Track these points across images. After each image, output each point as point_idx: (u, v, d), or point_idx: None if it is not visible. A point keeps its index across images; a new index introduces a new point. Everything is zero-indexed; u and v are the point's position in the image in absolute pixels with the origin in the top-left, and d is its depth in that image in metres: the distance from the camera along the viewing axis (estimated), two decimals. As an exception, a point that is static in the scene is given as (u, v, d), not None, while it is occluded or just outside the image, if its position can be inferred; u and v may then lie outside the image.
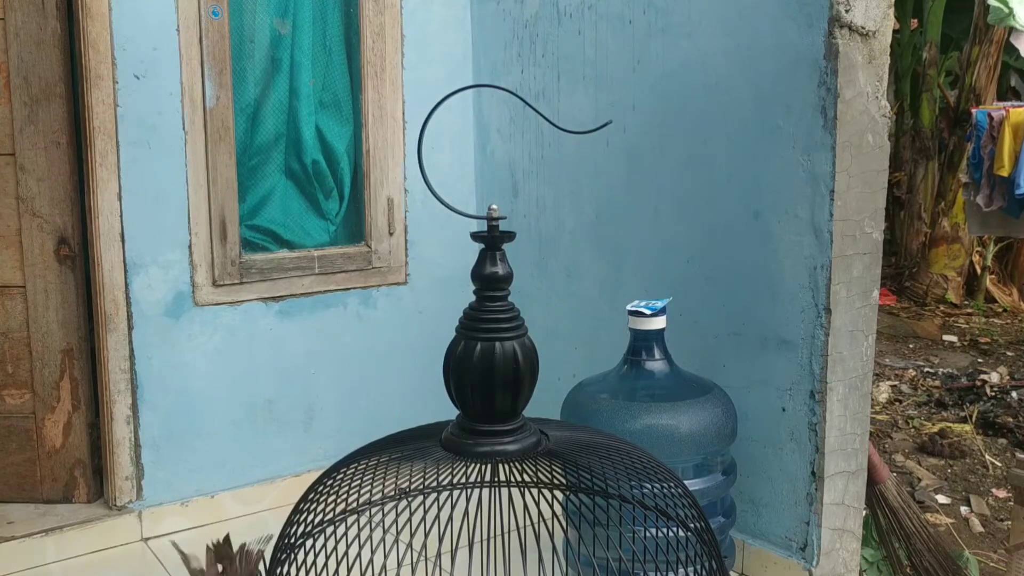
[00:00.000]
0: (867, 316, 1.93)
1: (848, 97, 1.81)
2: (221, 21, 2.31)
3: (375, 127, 2.61)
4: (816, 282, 1.87)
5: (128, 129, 2.21)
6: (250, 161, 2.47)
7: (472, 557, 0.95)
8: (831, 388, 1.88)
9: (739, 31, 1.99)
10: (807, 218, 1.87)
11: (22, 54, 2.18)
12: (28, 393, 2.29)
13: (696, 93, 2.11)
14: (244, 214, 2.44)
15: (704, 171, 2.10)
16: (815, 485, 1.92)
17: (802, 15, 1.85)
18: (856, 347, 1.92)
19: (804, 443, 1.93)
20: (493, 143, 2.76)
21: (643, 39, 2.22)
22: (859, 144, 1.85)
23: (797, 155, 1.88)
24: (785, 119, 1.90)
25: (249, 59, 2.44)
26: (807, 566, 1.96)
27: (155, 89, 2.24)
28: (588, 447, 1.11)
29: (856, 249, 1.88)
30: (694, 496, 1.09)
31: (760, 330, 1.99)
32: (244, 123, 2.44)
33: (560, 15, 2.46)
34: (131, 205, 2.23)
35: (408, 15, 2.63)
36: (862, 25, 1.81)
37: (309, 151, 2.53)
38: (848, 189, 1.84)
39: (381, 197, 2.63)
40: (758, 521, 2.05)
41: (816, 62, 1.82)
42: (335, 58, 2.58)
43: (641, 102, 2.25)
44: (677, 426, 1.81)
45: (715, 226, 2.09)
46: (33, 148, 2.21)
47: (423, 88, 2.66)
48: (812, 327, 1.88)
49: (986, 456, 3.52)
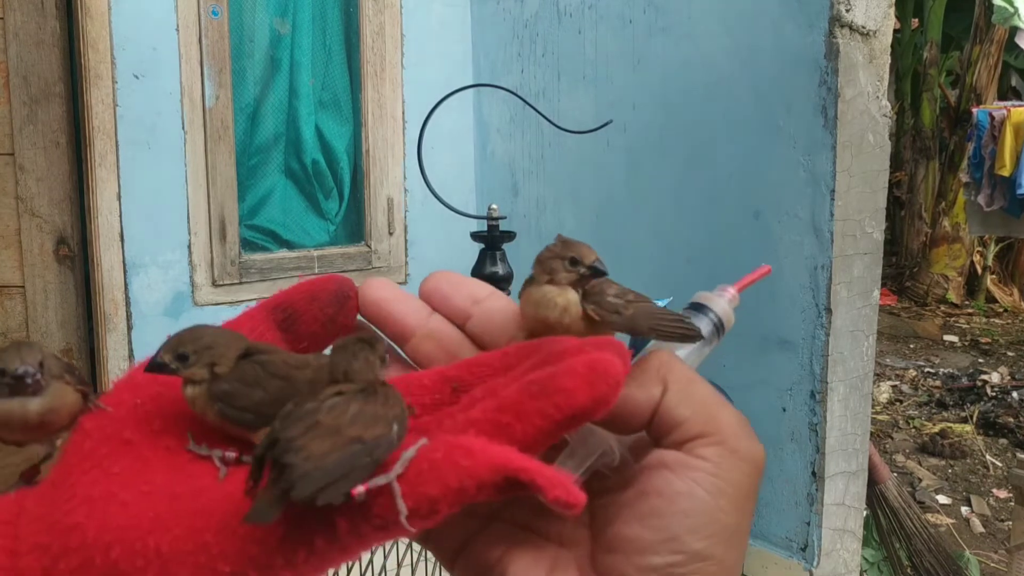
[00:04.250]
0: (868, 316, 1.93)
1: (849, 97, 1.81)
2: (221, 20, 2.31)
3: (375, 127, 2.60)
4: (816, 282, 1.86)
5: (127, 129, 2.21)
6: (250, 161, 2.46)
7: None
8: (832, 388, 1.87)
9: (739, 31, 1.98)
10: (807, 218, 1.87)
11: (21, 54, 2.18)
12: (27, 393, 2.29)
13: (696, 93, 2.10)
14: (244, 214, 2.44)
15: (704, 171, 2.10)
16: (816, 485, 1.91)
17: (803, 15, 1.84)
18: (857, 347, 1.91)
19: (804, 443, 1.92)
20: (493, 143, 2.75)
21: (643, 39, 2.22)
22: (860, 144, 1.84)
23: (797, 155, 1.88)
24: (785, 119, 1.90)
25: (249, 58, 2.43)
26: (808, 566, 1.95)
27: (154, 89, 2.24)
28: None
29: (857, 249, 1.87)
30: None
31: (760, 330, 1.99)
32: (244, 123, 2.44)
33: (560, 14, 2.46)
34: (130, 205, 2.23)
35: (408, 14, 2.63)
36: (863, 25, 1.81)
37: (309, 151, 2.53)
38: (848, 189, 1.83)
39: (381, 197, 2.63)
40: (758, 522, 2.05)
41: (816, 62, 1.82)
42: (335, 57, 2.58)
43: (641, 102, 2.25)
44: (677, 426, 1.81)
45: (715, 226, 2.08)
46: (32, 148, 2.21)
47: (423, 88, 2.65)
48: (812, 327, 1.88)
49: (987, 456, 3.51)
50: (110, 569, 0.33)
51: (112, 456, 0.37)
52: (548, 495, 0.30)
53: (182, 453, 0.37)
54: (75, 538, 0.34)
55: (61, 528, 0.34)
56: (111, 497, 0.35)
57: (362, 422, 0.32)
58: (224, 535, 0.32)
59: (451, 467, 0.30)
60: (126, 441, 0.38)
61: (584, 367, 0.32)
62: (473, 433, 0.33)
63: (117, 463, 0.37)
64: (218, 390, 0.37)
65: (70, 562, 0.33)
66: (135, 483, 0.36)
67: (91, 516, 0.34)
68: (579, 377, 0.32)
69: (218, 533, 0.32)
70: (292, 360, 0.38)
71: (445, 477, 0.30)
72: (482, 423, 0.33)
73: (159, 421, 0.39)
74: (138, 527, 0.33)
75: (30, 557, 0.34)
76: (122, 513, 0.34)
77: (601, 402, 0.32)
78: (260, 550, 0.32)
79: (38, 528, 0.35)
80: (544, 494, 0.30)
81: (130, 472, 0.36)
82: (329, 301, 0.42)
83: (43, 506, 0.36)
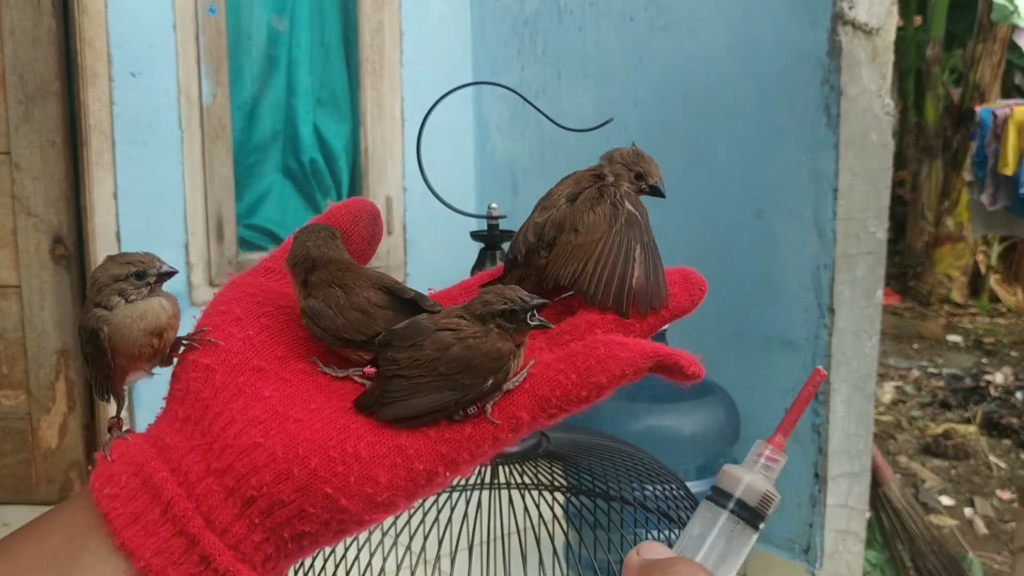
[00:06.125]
0: (871, 316, 1.91)
1: (852, 95, 1.79)
2: (218, 18, 2.30)
3: (373, 125, 2.59)
4: (819, 282, 1.85)
5: (124, 127, 2.19)
6: (247, 159, 2.45)
7: (472, 560, 0.93)
8: (835, 389, 1.86)
9: (742, 28, 1.97)
10: (810, 217, 1.85)
11: (17, 52, 2.16)
12: (23, 394, 2.28)
13: (698, 91, 2.09)
14: (241, 213, 2.43)
15: (706, 169, 2.08)
16: (818, 487, 1.90)
17: (805, 12, 1.83)
18: (860, 347, 1.90)
19: (807, 444, 1.91)
20: (493, 141, 2.74)
21: (645, 36, 2.20)
22: (863, 142, 1.82)
23: (800, 153, 1.86)
24: (788, 117, 1.88)
25: (246, 56, 2.42)
26: (810, 568, 1.94)
27: (151, 87, 2.23)
28: (589, 449, 1.09)
29: (860, 248, 1.86)
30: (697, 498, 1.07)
31: (763, 330, 1.98)
32: (241, 121, 2.42)
33: (561, 12, 2.44)
34: (127, 204, 2.22)
35: (407, 12, 2.61)
36: (866, 22, 1.79)
37: (307, 149, 2.52)
38: (852, 188, 1.82)
39: (380, 196, 2.62)
40: (761, 523, 2.03)
41: (819, 59, 1.80)
42: (333, 55, 2.56)
43: (643, 100, 2.23)
44: (679, 427, 1.79)
45: (717, 225, 2.07)
46: (28, 146, 2.19)
47: (422, 86, 2.64)
48: (815, 327, 1.86)
49: (990, 457, 3.49)
50: (309, 477, 0.35)
51: (253, 383, 0.39)
52: (688, 370, 0.38)
53: (318, 376, 0.40)
54: (260, 456, 0.36)
55: (237, 450, 0.36)
56: (282, 416, 0.37)
57: (460, 367, 0.36)
58: (416, 437, 0.36)
59: (613, 360, 0.37)
60: (258, 369, 0.39)
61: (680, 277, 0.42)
62: (600, 333, 0.40)
63: (265, 388, 0.38)
64: (307, 306, 0.41)
65: (262, 477, 0.35)
66: (296, 403, 0.38)
67: (269, 435, 0.36)
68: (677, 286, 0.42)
69: (410, 436, 0.36)
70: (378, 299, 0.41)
71: (610, 368, 0.37)
72: (604, 323, 0.40)
73: (280, 348, 0.41)
74: (329, 438, 0.36)
75: (208, 480, 0.36)
76: (304, 428, 0.36)
77: (697, 302, 0.41)
78: (450, 448, 0.36)
79: (203, 456, 0.36)
80: (684, 370, 0.38)
81: (283, 395, 0.38)
82: (369, 221, 0.46)
83: (194, 438, 0.37)
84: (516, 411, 0.37)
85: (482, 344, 0.37)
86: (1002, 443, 3.65)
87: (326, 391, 0.39)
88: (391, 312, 0.41)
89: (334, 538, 0.36)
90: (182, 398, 0.39)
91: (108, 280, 0.41)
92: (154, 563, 0.35)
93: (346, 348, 0.41)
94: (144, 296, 0.42)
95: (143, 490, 0.36)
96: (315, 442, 0.36)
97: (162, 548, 0.35)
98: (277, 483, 0.35)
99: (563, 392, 0.37)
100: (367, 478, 0.35)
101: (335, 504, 0.35)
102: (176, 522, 0.35)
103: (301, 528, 0.36)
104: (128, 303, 0.42)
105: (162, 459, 0.37)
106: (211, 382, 0.39)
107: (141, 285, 0.42)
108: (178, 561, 0.35)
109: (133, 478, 0.36)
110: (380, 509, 0.36)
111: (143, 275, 0.42)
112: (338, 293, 0.41)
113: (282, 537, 0.36)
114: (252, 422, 0.37)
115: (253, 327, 0.41)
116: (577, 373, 0.37)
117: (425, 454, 0.36)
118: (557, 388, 0.37)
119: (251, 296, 0.43)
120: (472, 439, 0.36)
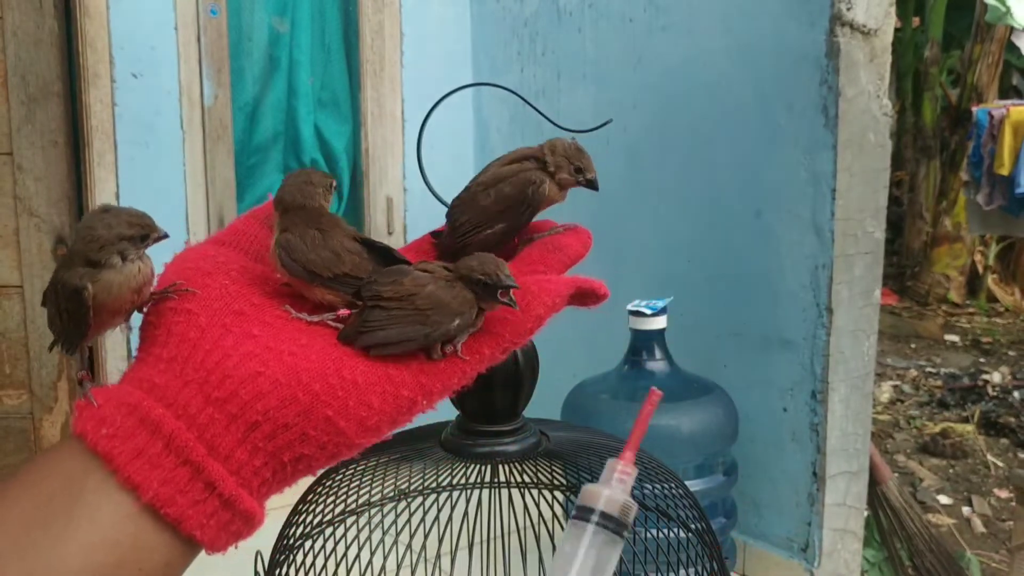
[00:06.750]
0: (869, 316, 1.92)
1: (850, 96, 1.80)
2: (219, 19, 2.31)
3: (374, 126, 2.60)
4: (817, 281, 1.86)
5: (126, 128, 2.20)
6: (248, 160, 2.46)
7: (472, 558, 0.94)
8: (833, 388, 1.87)
9: (740, 29, 1.98)
10: (808, 217, 1.86)
11: (19, 53, 2.17)
12: (25, 393, 2.28)
13: (697, 92, 2.09)
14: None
15: (705, 170, 2.09)
16: (817, 486, 1.91)
17: (803, 13, 1.83)
18: (858, 347, 1.90)
19: (806, 443, 1.92)
20: (493, 142, 2.74)
21: (644, 37, 2.21)
22: (861, 143, 1.83)
23: (798, 154, 1.87)
24: (786, 118, 1.89)
25: (247, 57, 2.43)
26: (808, 567, 1.94)
27: (153, 88, 2.23)
28: (589, 448, 1.10)
29: (858, 248, 1.87)
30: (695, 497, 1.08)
31: (761, 330, 1.98)
32: (242, 122, 2.43)
33: (560, 13, 2.45)
34: (128, 204, 2.22)
35: (407, 13, 2.62)
36: (864, 23, 1.80)
37: (308, 150, 2.52)
38: (850, 188, 1.83)
39: (380, 196, 2.62)
40: (759, 522, 2.04)
41: (817, 60, 1.81)
42: (334, 56, 2.57)
43: (642, 101, 2.24)
44: (678, 426, 1.80)
45: (716, 225, 2.08)
46: (31, 147, 2.20)
47: (422, 87, 2.65)
48: (813, 327, 1.87)
49: (988, 456, 3.51)
50: (313, 400, 0.37)
51: (239, 324, 0.41)
52: (599, 292, 0.45)
53: (295, 320, 0.42)
54: (264, 383, 0.37)
55: (239, 379, 0.37)
56: (276, 350, 0.39)
57: (432, 304, 0.41)
58: (400, 368, 0.40)
59: (545, 292, 0.44)
60: (240, 312, 0.42)
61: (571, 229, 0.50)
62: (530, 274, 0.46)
63: (253, 327, 0.41)
64: (281, 238, 0.44)
65: (268, 402, 0.37)
66: (285, 340, 0.40)
67: (268, 365, 0.38)
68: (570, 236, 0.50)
69: (396, 367, 0.40)
70: (351, 247, 0.45)
71: (544, 300, 0.43)
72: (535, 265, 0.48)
73: (256, 296, 0.43)
74: (327, 367, 0.39)
75: (209, 410, 0.37)
76: (300, 359, 0.39)
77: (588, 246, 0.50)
78: (428, 379, 0.40)
79: (200, 388, 0.38)
80: (596, 292, 0.45)
81: (270, 333, 0.40)
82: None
83: (186, 375, 0.38)
84: (479, 348, 0.42)
85: (453, 287, 0.42)
86: (1000, 442, 3.66)
87: (308, 332, 0.41)
88: (361, 260, 0.44)
89: (327, 461, 0.38)
90: (164, 341, 0.40)
91: (113, 239, 0.42)
92: (162, 492, 0.36)
93: (311, 285, 0.43)
94: (140, 258, 0.42)
95: (141, 427, 0.37)
96: (314, 371, 0.38)
97: (168, 478, 0.36)
98: (282, 407, 0.37)
99: (512, 327, 0.43)
100: (362, 402, 0.38)
101: (334, 426, 0.38)
102: (180, 453, 0.36)
103: (300, 450, 0.38)
104: (124, 263, 0.42)
105: (153, 397, 0.38)
106: (196, 323, 0.40)
107: (142, 247, 0.43)
108: (184, 489, 0.36)
109: (128, 418, 0.37)
110: (370, 433, 0.39)
111: (146, 238, 0.43)
112: (314, 233, 0.45)
113: (280, 461, 0.38)
114: (248, 355, 0.38)
115: (225, 279, 0.44)
116: (520, 309, 0.42)
117: (409, 383, 0.40)
118: (507, 325, 0.43)
119: (212, 258, 0.46)
120: (445, 372, 0.41)
